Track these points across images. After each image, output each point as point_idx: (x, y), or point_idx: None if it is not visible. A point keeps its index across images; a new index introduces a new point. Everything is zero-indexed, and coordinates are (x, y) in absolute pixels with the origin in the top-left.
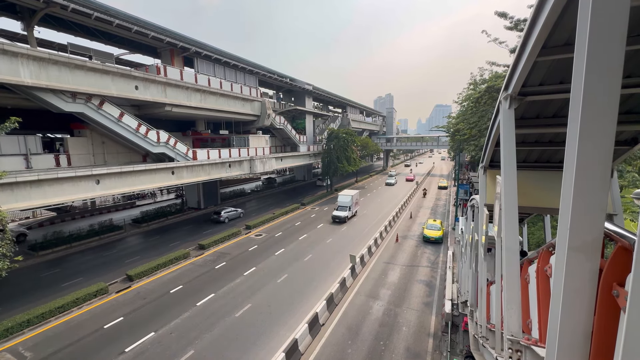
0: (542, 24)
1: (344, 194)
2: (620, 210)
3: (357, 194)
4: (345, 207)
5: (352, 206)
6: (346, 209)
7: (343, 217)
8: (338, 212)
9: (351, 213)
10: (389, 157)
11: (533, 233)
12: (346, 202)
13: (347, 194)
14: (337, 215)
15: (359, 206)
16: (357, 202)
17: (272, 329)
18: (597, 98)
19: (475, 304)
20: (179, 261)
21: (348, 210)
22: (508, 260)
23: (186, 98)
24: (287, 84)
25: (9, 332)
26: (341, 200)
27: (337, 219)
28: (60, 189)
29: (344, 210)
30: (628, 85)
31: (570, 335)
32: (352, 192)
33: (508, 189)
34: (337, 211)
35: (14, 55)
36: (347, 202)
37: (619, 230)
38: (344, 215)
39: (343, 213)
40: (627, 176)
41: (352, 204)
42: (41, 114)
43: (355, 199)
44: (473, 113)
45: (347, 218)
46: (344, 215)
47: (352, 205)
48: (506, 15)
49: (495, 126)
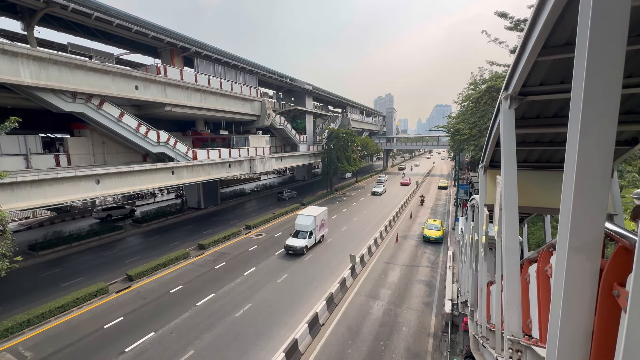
0: (542, 24)
1: (306, 212)
2: (621, 210)
3: (324, 212)
4: (306, 232)
5: (315, 230)
6: (306, 235)
7: (299, 248)
8: (294, 240)
9: (314, 240)
10: (389, 157)
11: (533, 233)
12: (307, 224)
13: (309, 214)
14: (291, 246)
15: (326, 229)
16: (323, 223)
17: (272, 329)
18: (598, 98)
19: (476, 304)
20: (179, 261)
21: (308, 237)
22: (508, 260)
23: (186, 98)
24: (287, 83)
25: (9, 332)
26: (300, 223)
27: (291, 251)
28: (60, 188)
29: (303, 236)
30: (628, 85)
31: (571, 335)
32: (315, 211)
33: (508, 189)
34: (293, 238)
35: (14, 55)
36: (309, 224)
37: (620, 230)
38: (301, 245)
39: (300, 242)
40: (627, 176)
41: (315, 227)
42: (41, 113)
43: (321, 219)
44: (473, 113)
45: (306, 249)
46: (301, 246)
47: (315, 229)
48: (506, 15)
49: (495, 126)
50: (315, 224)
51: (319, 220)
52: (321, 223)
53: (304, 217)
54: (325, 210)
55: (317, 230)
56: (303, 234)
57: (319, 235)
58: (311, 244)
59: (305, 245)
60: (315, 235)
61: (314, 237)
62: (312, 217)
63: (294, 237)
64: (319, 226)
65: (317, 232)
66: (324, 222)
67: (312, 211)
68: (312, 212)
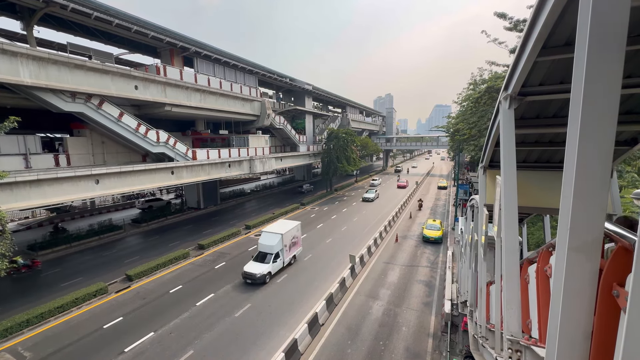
0: (542, 24)
1: (272, 229)
2: (620, 211)
3: (296, 227)
4: (271, 253)
5: (283, 251)
6: (271, 258)
7: (259, 276)
8: (253, 265)
9: (282, 263)
10: (389, 157)
11: (533, 233)
12: (272, 244)
13: (275, 231)
14: (250, 273)
15: (299, 247)
16: (295, 241)
17: (271, 329)
18: (597, 98)
19: (475, 304)
20: (178, 261)
21: (273, 261)
22: (508, 261)
23: (186, 98)
24: (286, 83)
25: (9, 332)
26: (265, 242)
27: (250, 279)
28: (60, 188)
29: (267, 260)
30: (628, 85)
31: (570, 335)
32: (284, 227)
33: (508, 189)
34: (254, 263)
35: (14, 55)
36: (274, 244)
37: (619, 230)
38: (262, 272)
39: (261, 268)
40: (626, 176)
41: (283, 247)
42: (41, 113)
43: (291, 237)
44: (473, 113)
45: (269, 276)
46: (262, 273)
47: (283, 250)
48: (505, 15)
49: (495, 126)
50: (282, 243)
51: (288, 238)
52: (291, 242)
53: (269, 236)
54: (298, 225)
55: (287, 251)
56: (268, 257)
57: (288, 257)
58: (277, 269)
59: (269, 272)
60: (283, 257)
61: (282, 260)
62: (278, 235)
63: (256, 260)
64: (289, 246)
65: (285, 253)
66: (295, 239)
67: (280, 227)
68: (279, 229)
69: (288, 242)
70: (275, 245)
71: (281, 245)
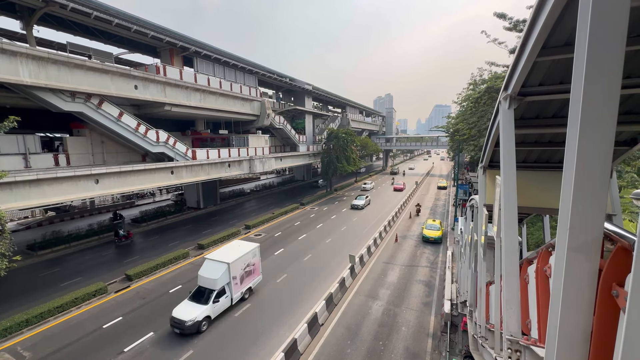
0: (541, 24)
1: (216, 257)
2: (619, 211)
3: (253, 251)
4: (212, 289)
5: (230, 286)
6: (212, 295)
7: (190, 325)
8: (185, 307)
9: (230, 301)
10: (389, 157)
11: (532, 233)
12: (214, 277)
13: (221, 259)
14: (178, 320)
15: (258, 276)
16: (249, 270)
17: (271, 329)
18: (597, 98)
19: (475, 304)
20: (178, 261)
21: (214, 301)
22: (507, 261)
23: (186, 98)
24: (286, 83)
25: (8, 332)
26: (205, 275)
27: (178, 328)
28: (59, 188)
29: (206, 299)
30: (628, 85)
31: (570, 335)
32: (233, 253)
33: (507, 189)
34: (188, 303)
35: (13, 55)
36: (217, 277)
37: (619, 230)
38: (192, 318)
39: (194, 311)
40: (626, 176)
41: (231, 280)
42: (40, 113)
43: (243, 265)
44: (472, 113)
45: (206, 323)
46: (192, 319)
47: (231, 283)
48: (505, 16)
49: (494, 126)
50: (229, 275)
51: (237, 267)
52: (244, 271)
53: (212, 265)
54: (255, 248)
55: (236, 285)
56: (208, 294)
57: (239, 292)
58: (220, 311)
59: (206, 317)
60: (231, 293)
61: (229, 297)
62: (224, 264)
63: (193, 299)
64: (240, 277)
65: (234, 287)
66: (251, 267)
67: (230, 253)
68: (226, 256)
69: (239, 272)
70: (219, 278)
71: (227, 278)
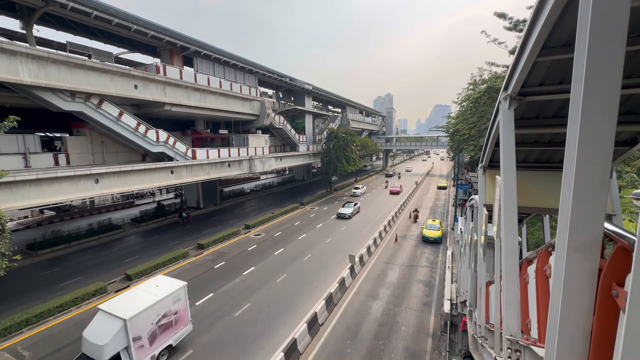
0: (542, 25)
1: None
2: (619, 211)
3: (176, 294)
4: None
5: (130, 349)
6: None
7: None
8: None
9: None
10: (389, 157)
11: (532, 233)
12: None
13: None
14: None
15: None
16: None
17: (271, 329)
18: (597, 98)
19: (475, 304)
20: (178, 261)
21: None
22: (507, 260)
23: (185, 97)
24: (286, 83)
25: (8, 332)
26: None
27: None
28: (59, 188)
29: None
30: (628, 85)
31: (570, 335)
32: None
33: (507, 189)
34: None
35: (13, 54)
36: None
37: (619, 230)
38: None
39: None
40: (625, 177)
41: (130, 342)
42: (40, 113)
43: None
44: (472, 113)
45: None
46: None
47: (130, 347)
48: (505, 16)
49: (494, 126)
50: (126, 337)
51: (143, 323)
52: (157, 325)
53: (103, 322)
54: (181, 288)
55: (143, 348)
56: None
57: (149, 354)
58: None
59: None
60: (154, 344)
61: (150, 352)
62: (118, 321)
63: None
64: (150, 333)
65: (142, 351)
66: (168, 319)
67: (133, 301)
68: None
69: (147, 328)
70: (107, 344)
71: (124, 341)
